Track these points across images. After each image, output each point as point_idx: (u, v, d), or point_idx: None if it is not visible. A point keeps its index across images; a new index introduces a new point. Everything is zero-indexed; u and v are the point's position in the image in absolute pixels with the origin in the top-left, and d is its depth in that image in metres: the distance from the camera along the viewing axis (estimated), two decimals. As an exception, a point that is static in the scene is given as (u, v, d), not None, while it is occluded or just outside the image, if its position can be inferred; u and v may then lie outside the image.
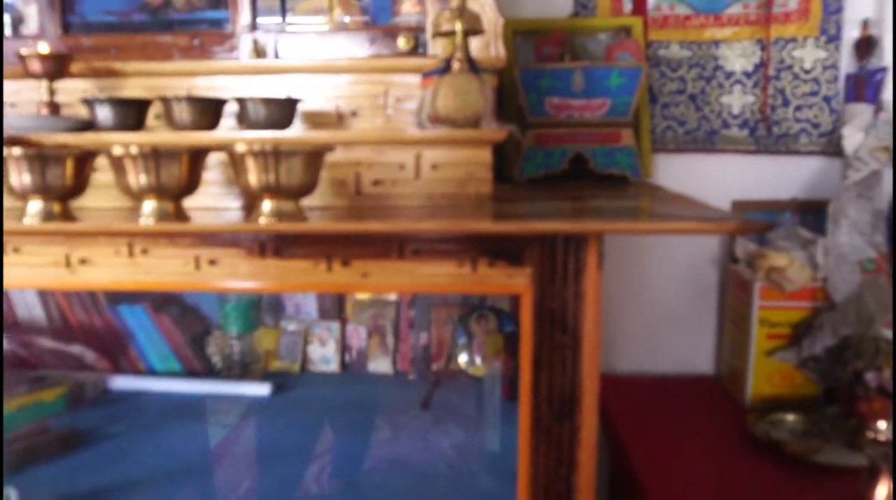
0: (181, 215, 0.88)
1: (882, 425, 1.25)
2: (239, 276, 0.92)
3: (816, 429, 1.36)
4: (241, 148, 0.83)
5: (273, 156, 0.82)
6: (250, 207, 0.91)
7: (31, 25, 1.29)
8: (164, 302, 1.65)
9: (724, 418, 1.47)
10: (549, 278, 0.88)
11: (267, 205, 0.86)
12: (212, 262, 0.92)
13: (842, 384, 1.41)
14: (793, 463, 1.26)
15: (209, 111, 1.05)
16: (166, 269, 0.93)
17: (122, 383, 1.56)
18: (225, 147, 0.86)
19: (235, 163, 0.85)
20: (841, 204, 1.48)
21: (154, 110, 1.11)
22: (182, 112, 1.04)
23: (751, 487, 1.21)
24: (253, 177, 0.84)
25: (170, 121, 1.05)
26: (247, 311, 1.58)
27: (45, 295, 1.57)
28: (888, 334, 1.35)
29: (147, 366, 1.63)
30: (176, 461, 1.20)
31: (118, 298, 1.60)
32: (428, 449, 1.25)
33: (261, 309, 1.65)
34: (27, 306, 1.57)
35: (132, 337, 1.61)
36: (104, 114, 1.05)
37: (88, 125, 1.07)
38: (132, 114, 1.06)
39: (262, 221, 0.85)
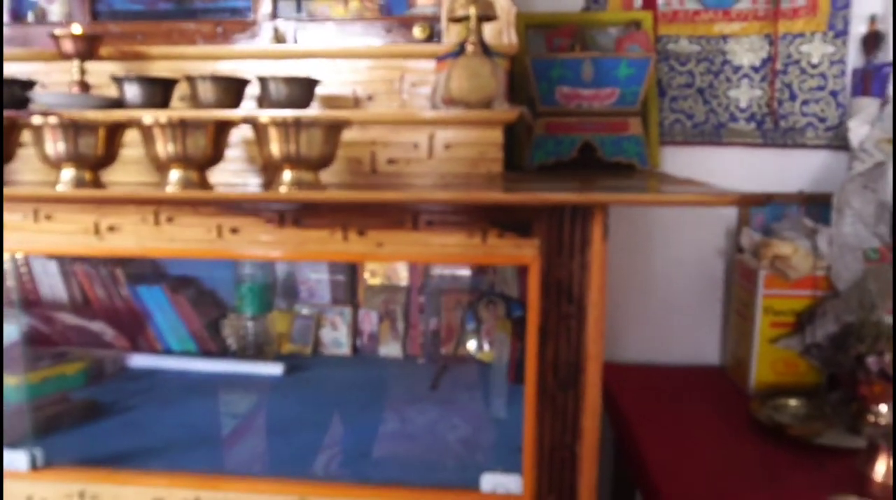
0: (205, 185, 0.92)
1: (883, 408, 1.27)
2: (259, 244, 0.96)
3: (818, 413, 1.39)
4: (264, 119, 0.87)
5: (294, 127, 0.86)
6: (271, 180, 0.95)
7: (57, 13, 1.34)
8: (182, 284, 1.69)
9: (729, 405, 1.49)
10: (556, 249, 0.92)
11: (287, 175, 0.90)
12: (233, 230, 0.96)
13: (844, 370, 1.44)
14: (795, 445, 1.29)
15: (232, 91, 1.10)
16: (190, 236, 0.97)
17: (140, 361, 1.60)
18: (249, 120, 0.90)
19: (259, 133, 0.89)
20: (845, 195, 1.51)
21: (179, 92, 1.16)
22: (206, 91, 1.08)
23: (754, 467, 1.24)
24: (275, 147, 0.88)
25: (194, 100, 1.10)
26: (262, 293, 1.62)
27: (67, 273, 1.62)
28: (889, 320, 1.37)
29: (164, 346, 1.67)
30: (192, 431, 1.24)
31: (137, 278, 1.65)
32: (436, 424, 1.29)
33: (275, 292, 1.69)
34: (50, 286, 1.62)
35: (150, 317, 1.65)
36: (132, 92, 1.10)
37: (117, 104, 1.12)
38: (159, 92, 1.11)
39: (283, 189, 0.89)
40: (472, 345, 1.64)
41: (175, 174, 0.91)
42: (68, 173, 0.93)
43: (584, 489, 0.95)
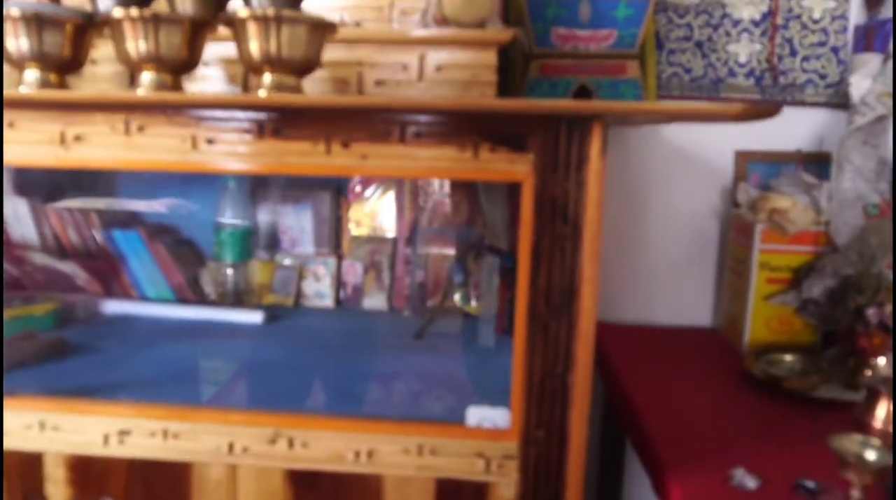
0: (179, 89, 0.86)
1: (881, 360, 1.23)
2: (236, 156, 0.90)
3: (814, 368, 1.35)
4: (243, 13, 0.81)
5: (275, 22, 0.81)
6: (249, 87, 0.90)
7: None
8: (159, 231, 1.63)
9: (722, 362, 1.46)
10: (552, 165, 0.87)
11: (268, 78, 0.84)
12: (209, 141, 0.90)
13: (840, 326, 1.40)
14: (790, 399, 1.25)
15: (212, 2, 1.03)
16: (162, 146, 0.91)
17: (114, 307, 1.54)
18: (227, 19, 0.85)
19: (238, 32, 0.83)
20: (845, 150, 1.47)
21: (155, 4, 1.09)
22: (185, 2, 1.02)
23: (749, 418, 1.20)
24: (255, 45, 0.82)
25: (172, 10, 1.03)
26: (242, 239, 1.56)
27: (39, 216, 1.55)
28: (889, 274, 1.33)
29: (140, 293, 1.61)
30: (164, 370, 1.18)
31: (112, 223, 1.59)
32: (420, 367, 1.24)
33: (256, 240, 1.63)
34: (21, 227, 1.55)
35: (125, 263, 1.59)
36: (105, 3, 1.03)
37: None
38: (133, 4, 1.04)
39: (262, 93, 0.83)
40: (459, 298, 1.59)
41: (147, 76, 0.85)
42: (32, 74, 0.87)
43: (575, 422, 0.91)
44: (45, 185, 1.57)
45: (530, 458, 0.94)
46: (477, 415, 0.96)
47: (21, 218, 1.57)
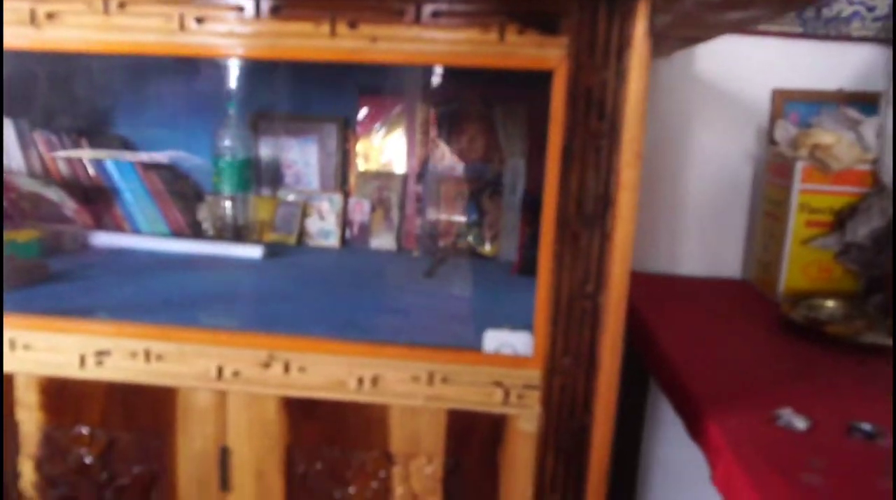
0: (164, -44, 0.75)
1: (935, 304, 1.12)
2: (229, 38, 0.79)
3: (858, 314, 1.24)
4: None
5: None
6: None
7: None
8: (155, 164, 1.53)
9: (756, 312, 1.35)
10: (588, 51, 0.76)
11: (264, -59, 0.73)
12: (199, 20, 0.80)
13: (885, 272, 1.29)
14: (834, 345, 1.14)
15: None
16: (146, 26, 0.80)
17: (104, 239, 1.44)
18: None
19: None
20: (897, 83, 1.34)
21: None
22: None
23: (789, 363, 1.09)
24: None
25: None
26: (241, 169, 1.46)
27: (25, 141, 1.45)
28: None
29: (133, 227, 1.51)
30: (151, 297, 1.08)
31: (103, 147, 1.49)
32: (431, 300, 1.13)
33: (258, 174, 1.53)
34: (7, 156, 1.45)
35: (118, 194, 1.49)
36: None
37: None
38: None
39: (258, -43, 0.72)
40: (472, 238, 1.49)
41: (127, -61, 0.74)
42: (-3, -63, 0.76)
43: (607, 348, 0.80)
44: (32, 109, 1.46)
45: (554, 388, 0.84)
46: (495, 340, 0.85)
47: (6, 142, 1.47)
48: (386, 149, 1.54)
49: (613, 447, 0.85)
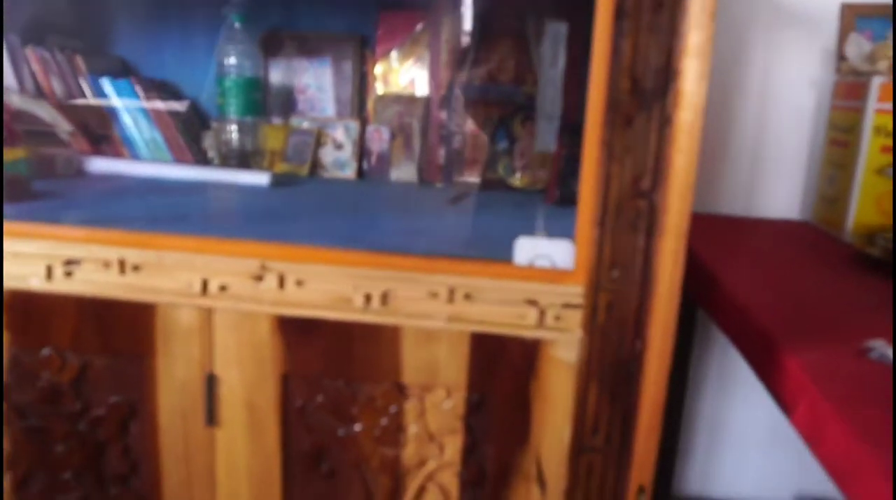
0: None
1: None
2: None
3: (948, 248, 1.07)
4: None
5: None
6: None
7: None
8: (157, 86, 1.41)
9: (824, 250, 1.19)
10: None
11: None
12: None
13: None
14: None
15: None
16: None
17: (100, 165, 1.32)
18: None
19: None
20: None
21: None
22: None
23: (869, 298, 0.93)
24: None
25: None
26: (248, 90, 1.33)
27: (17, 58, 1.33)
28: None
29: (132, 154, 1.39)
30: (141, 212, 0.96)
31: (101, 69, 1.36)
32: (455, 225, 0.99)
33: (268, 101, 1.40)
34: (-3, 73, 1.33)
35: (116, 118, 1.37)
36: None
37: None
38: None
39: None
40: (502, 169, 1.34)
41: None
42: None
43: (666, 257, 0.65)
44: (23, 23, 1.34)
45: (599, 308, 0.69)
46: (529, 249, 0.71)
47: (0, 65, 1.35)
48: (407, 70, 1.39)
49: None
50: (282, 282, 0.74)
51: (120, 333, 0.78)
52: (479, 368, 0.73)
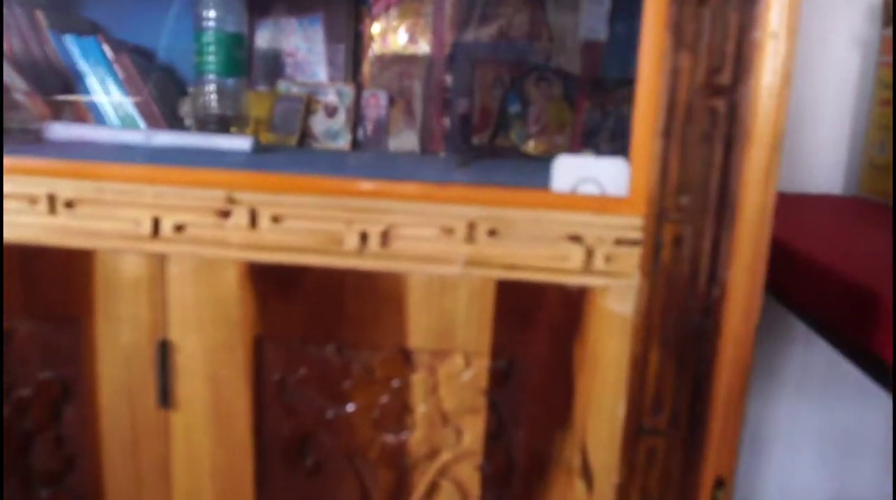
0: None
1: None
2: None
3: None
4: None
5: None
6: None
7: None
8: (128, 48, 1.26)
9: (884, 221, 1.04)
10: None
11: None
12: None
13: None
14: None
15: None
16: None
17: (62, 131, 1.16)
18: None
19: None
20: None
21: None
22: None
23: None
24: None
25: None
26: (229, 46, 1.17)
27: (-33, 12, 1.19)
28: None
29: (97, 118, 1.24)
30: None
31: (65, 26, 1.21)
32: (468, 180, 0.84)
33: (252, 64, 1.25)
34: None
35: (81, 80, 1.22)
36: None
37: None
38: None
39: None
40: (514, 135, 1.19)
41: None
42: None
43: (753, 174, 0.50)
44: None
45: (664, 245, 0.53)
46: (572, 171, 0.55)
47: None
48: (408, 27, 1.25)
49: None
50: (254, 219, 0.58)
51: (50, 288, 0.61)
52: (507, 327, 0.57)
